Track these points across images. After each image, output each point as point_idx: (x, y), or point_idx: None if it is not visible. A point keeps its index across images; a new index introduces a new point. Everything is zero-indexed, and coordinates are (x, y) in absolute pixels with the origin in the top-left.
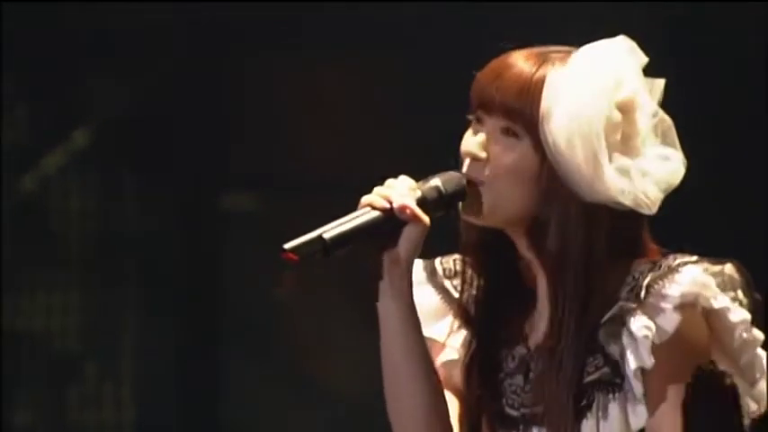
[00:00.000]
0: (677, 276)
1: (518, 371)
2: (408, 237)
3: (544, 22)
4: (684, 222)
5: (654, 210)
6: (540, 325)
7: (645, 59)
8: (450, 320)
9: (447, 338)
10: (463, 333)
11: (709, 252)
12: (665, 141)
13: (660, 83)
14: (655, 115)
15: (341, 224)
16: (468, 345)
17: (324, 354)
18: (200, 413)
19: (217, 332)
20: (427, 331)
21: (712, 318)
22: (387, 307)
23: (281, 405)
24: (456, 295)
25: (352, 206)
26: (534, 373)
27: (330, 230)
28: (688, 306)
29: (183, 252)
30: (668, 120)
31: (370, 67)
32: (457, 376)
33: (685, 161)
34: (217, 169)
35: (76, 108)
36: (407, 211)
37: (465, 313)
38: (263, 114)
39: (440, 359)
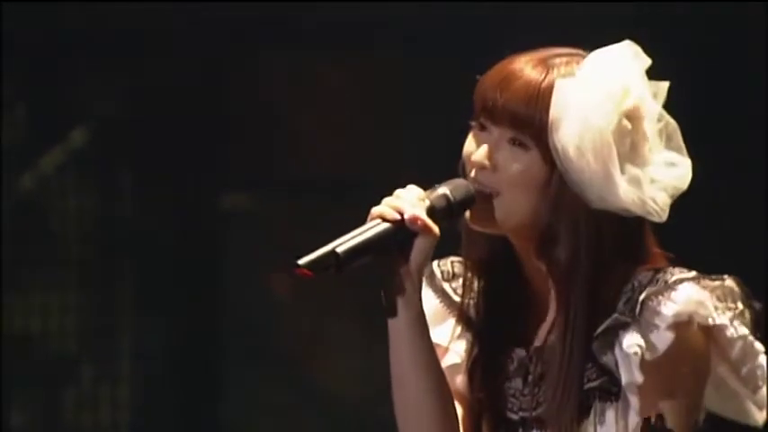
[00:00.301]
0: (673, 294)
1: (517, 374)
2: (420, 248)
3: (544, 22)
4: (684, 223)
5: (664, 217)
6: (541, 328)
7: (649, 63)
8: (451, 324)
9: (450, 342)
10: (464, 336)
11: (708, 251)
12: (671, 145)
13: (664, 86)
14: (660, 119)
15: (352, 237)
16: (470, 348)
17: (324, 354)
18: (199, 413)
19: (217, 332)
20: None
21: (712, 333)
22: (397, 317)
23: (281, 405)
24: (455, 298)
25: (352, 205)
26: (533, 376)
27: (342, 244)
28: (682, 325)
29: (183, 252)
30: (673, 123)
31: (370, 67)
32: (459, 380)
33: (691, 165)
34: (217, 169)
35: (76, 108)
36: (419, 222)
37: (466, 316)
38: (263, 114)
39: (442, 363)
